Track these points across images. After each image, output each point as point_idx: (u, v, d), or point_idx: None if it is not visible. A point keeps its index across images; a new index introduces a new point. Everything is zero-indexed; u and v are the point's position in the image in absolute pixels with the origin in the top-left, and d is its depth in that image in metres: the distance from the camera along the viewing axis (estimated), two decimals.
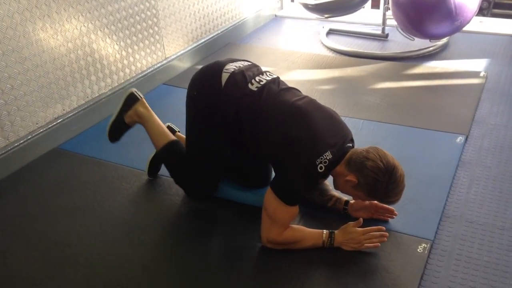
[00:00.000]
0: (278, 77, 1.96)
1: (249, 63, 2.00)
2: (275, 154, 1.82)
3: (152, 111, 2.17)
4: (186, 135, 2.02)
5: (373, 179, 1.71)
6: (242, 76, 1.88)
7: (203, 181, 2.04)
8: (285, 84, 1.95)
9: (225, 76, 1.88)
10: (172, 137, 2.13)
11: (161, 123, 2.16)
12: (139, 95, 2.17)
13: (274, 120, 1.80)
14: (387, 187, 1.72)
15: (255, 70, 1.95)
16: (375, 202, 1.93)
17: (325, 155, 1.71)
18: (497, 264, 1.76)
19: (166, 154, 2.11)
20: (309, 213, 1.99)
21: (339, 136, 1.80)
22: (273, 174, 2.06)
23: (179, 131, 2.24)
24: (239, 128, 1.87)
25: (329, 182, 2.00)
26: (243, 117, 1.84)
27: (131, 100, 2.16)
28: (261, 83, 1.88)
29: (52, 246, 1.90)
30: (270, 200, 1.76)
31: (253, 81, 1.88)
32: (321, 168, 1.71)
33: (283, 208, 1.75)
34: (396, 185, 1.73)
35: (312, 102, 1.87)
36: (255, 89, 1.85)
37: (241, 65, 1.94)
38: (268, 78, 1.91)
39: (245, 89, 1.85)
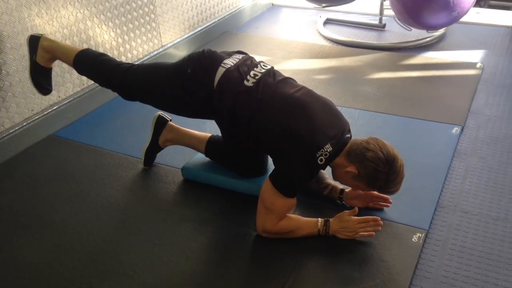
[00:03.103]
0: (272, 68, 1.95)
1: (243, 56, 1.98)
2: (274, 146, 1.81)
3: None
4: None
5: (373, 170, 1.72)
6: (238, 73, 1.87)
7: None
8: (281, 75, 1.94)
9: (221, 71, 1.87)
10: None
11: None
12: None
13: (274, 113, 1.79)
14: (388, 178, 1.73)
15: (249, 62, 1.94)
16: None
17: (326, 148, 1.71)
18: (490, 254, 1.77)
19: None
20: (304, 201, 1.99)
21: (337, 128, 1.80)
22: (270, 163, 2.07)
23: (171, 120, 2.23)
24: (233, 122, 1.87)
25: (325, 170, 2.00)
26: (239, 112, 1.83)
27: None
28: (257, 77, 1.86)
29: (48, 233, 1.90)
30: (268, 191, 1.76)
31: (248, 77, 1.86)
32: (321, 160, 1.71)
33: (281, 200, 1.75)
34: (396, 175, 1.74)
35: (309, 92, 1.87)
36: (251, 84, 1.84)
37: (237, 60, 1.93)
38: (262, 71, 1.90)
39: (240, 86, 1.84)
